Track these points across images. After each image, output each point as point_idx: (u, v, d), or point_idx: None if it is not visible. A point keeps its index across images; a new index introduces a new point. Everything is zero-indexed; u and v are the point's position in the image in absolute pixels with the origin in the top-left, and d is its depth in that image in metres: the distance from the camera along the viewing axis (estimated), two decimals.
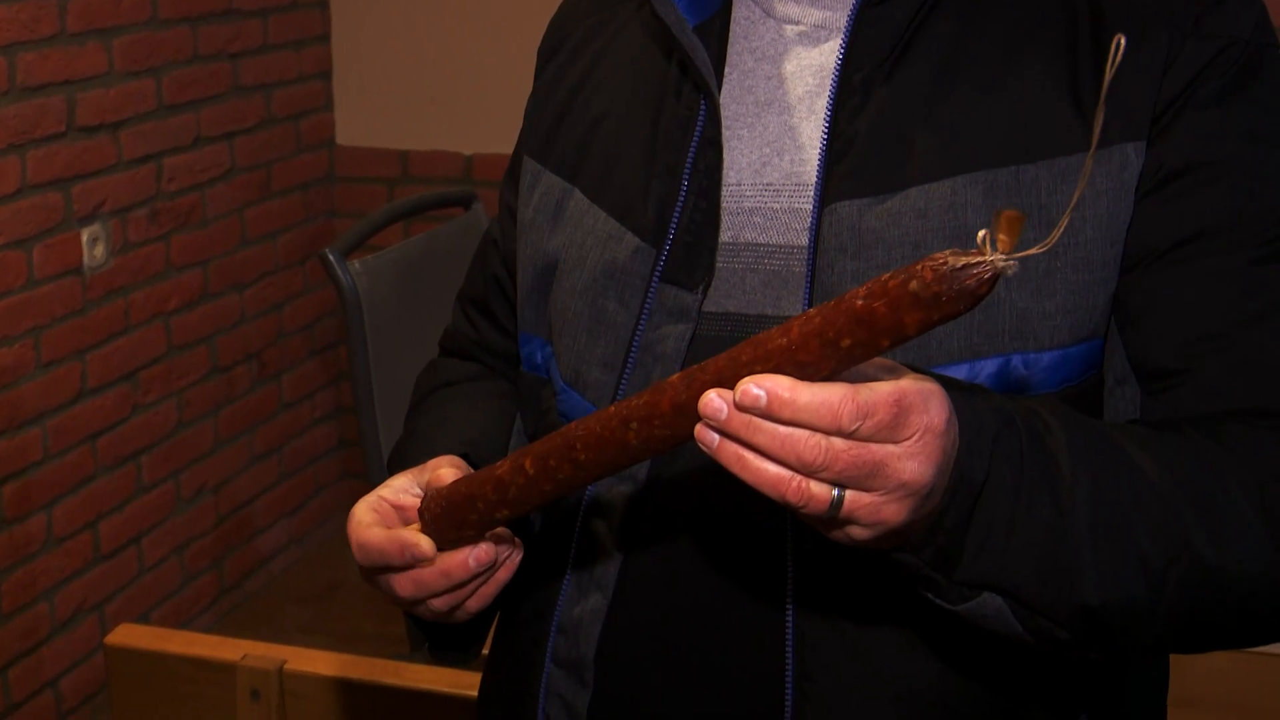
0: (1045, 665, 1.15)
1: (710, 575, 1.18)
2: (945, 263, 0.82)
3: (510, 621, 1.33)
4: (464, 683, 1.78)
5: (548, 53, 1.41)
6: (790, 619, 1.15)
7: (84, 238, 3.20)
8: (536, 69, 1.42)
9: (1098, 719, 1.20)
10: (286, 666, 1.85)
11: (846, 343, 0.86)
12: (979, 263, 0.81)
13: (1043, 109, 1.14)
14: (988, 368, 1.10)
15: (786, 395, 0.86)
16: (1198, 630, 1.07)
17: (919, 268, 0.82)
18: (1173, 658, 1.31)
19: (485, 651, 1.40)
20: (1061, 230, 0.84)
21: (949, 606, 1.02)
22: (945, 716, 1.15)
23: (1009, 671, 1.15)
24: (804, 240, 1.17)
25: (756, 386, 0.86)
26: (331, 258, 2.56)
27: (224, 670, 1.88)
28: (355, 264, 2.58)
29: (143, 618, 3.48)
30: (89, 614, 3.32)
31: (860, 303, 0.85)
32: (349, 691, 1.84)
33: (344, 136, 4.11)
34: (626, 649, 1.21)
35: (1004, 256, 0.82)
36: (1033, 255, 1.12)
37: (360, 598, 3.80)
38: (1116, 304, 1.14)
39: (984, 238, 0.82)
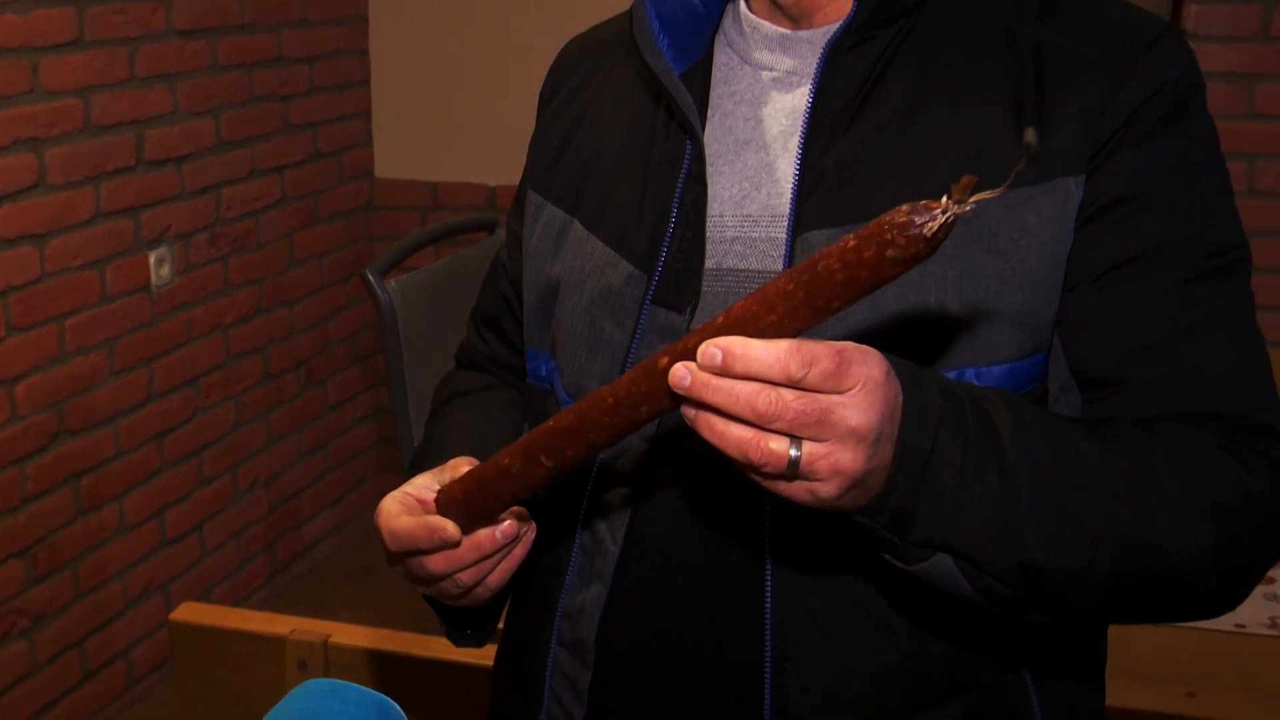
0: (993, 626, 1.14)
1: (697, 568, 1.18)
2: (904, 211, 0.83)
3: (521, 607, 1.33)
4: (484, 654, 1.77)
5: (548, 95, 1.41)
6: (768, 607, 1.15)
7: (151, 259, 3.20)
8: (538, 110, 1.41)
9: (1040, 676, 1.19)
10: (330, 640, 1.85)
11: (801, 295, 0.87)
12: (937, 209, 0.82)
13: (991, 146, 1.13)
14: None
15: (739, 350, 0.86)
16: (1129, 599, 1.07)
17: (881, 223, 0.83)
18: (1115, 633, 1.30)
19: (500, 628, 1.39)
20: (1010, 182, 0.88)
21: (905, 567, 1.02)
22: (907, 685, 1.15)
23: (963, 637, 1.14)
24: (780, 266, 1.16)
25: (713, 346, 0.87)
26: (370, 277, 2.55)
27: (274, 643, 1.88)
28: (391, 283, 2.58)
29: (203, 596, 3.49)
30: (155, 593, 3.32)
31: (823, 263, 0.85)
32: (385, 662, 1.84)
33: (381, 169, 4.11)
34: (623, 633, 1.21)
35: (958, 204, 0.82)
36: (985, 276, 1.12)
37: (395, 578, 3.78)
38: (1060, 320, 1.14)
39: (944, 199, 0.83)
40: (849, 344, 0.89)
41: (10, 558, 2.85)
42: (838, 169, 1.15)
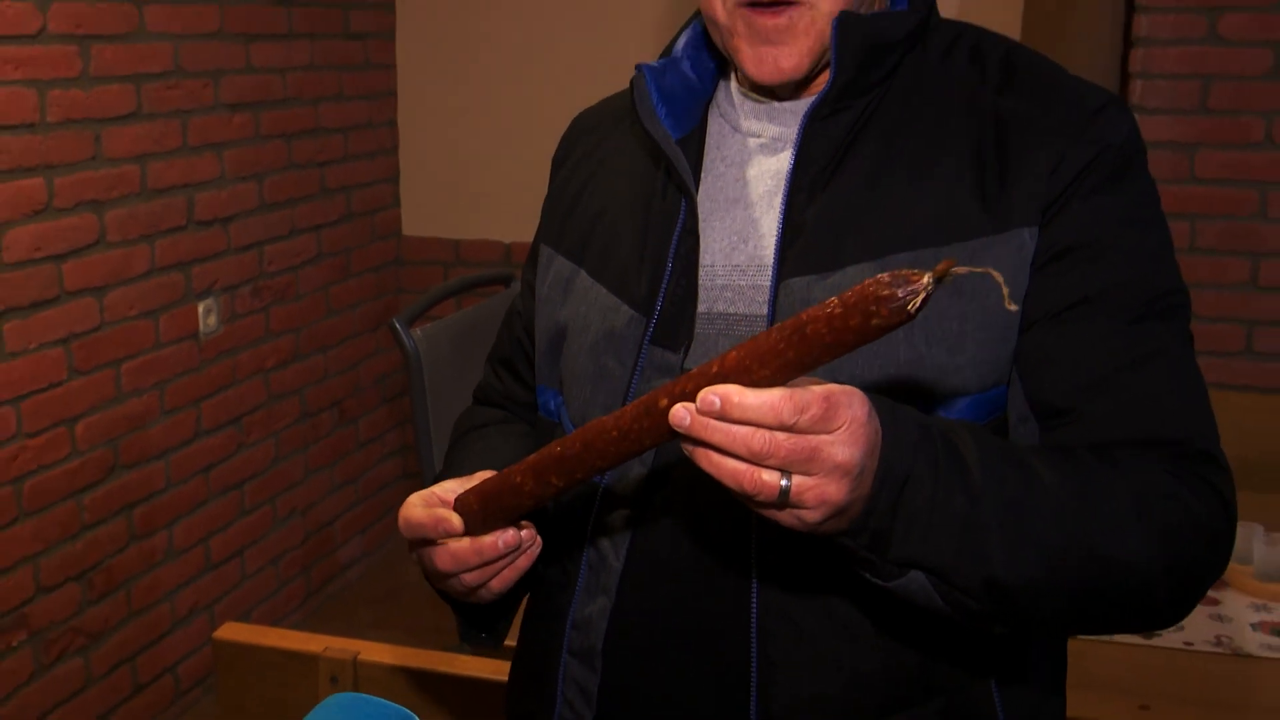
0: (961, 637, 1.14)
1: (691, 583, 1.18)
2: (887, 283, 0.83)
3: (533, 619, 1.33)
4: (502, 669, 1.78)
5: (560, 160, 1.42)
6: (754, 617, 1.15)
7: (200, 310, 3.21)
8: (550, 174, 1.42)
9: (1005, 683, 1.19)
10: (360, 657, 1.85)
11: (792, 355, 0.88)
12: (919, 282, 0.83)
13: (955, 202, 1.14)
14: None
15: (736, 399, 0.88)
16: (1087, 611, 1.07)
17: (867, 294, 0.84)
18: (1074, 647, 1.30)
19: (513, 644, 1.39)
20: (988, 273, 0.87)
21: (883, 584, 1.02)
22: (882, 690, 1.15)
23: (933, 647, 1.15)
24: (764, 310, 1.17)
25: (712, 394, 0.88)
26: (398, 326, 2.56)
27: (308, 660, 1.87)
28: (417, 331, 2.58)
29: (244, 616, 3.47)
30: (201, 613, 3.31)
31: (811, 327, 0.86)
32: (411, 677, 1.84)
33: (409, 228, 4.12)
34: (628, 642, 1.21)
35: (938, 281, 0.83)
36: (949, 319, 1.12)
37: (420, 599, 3.79)
38: (1018, 356, 1.14)
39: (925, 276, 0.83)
40: (836, 388, 0.90)
41: (69, 581, 2.85)
42: (815, 224, 1.16)
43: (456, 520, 1.13)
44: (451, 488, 1.19)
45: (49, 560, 2.79)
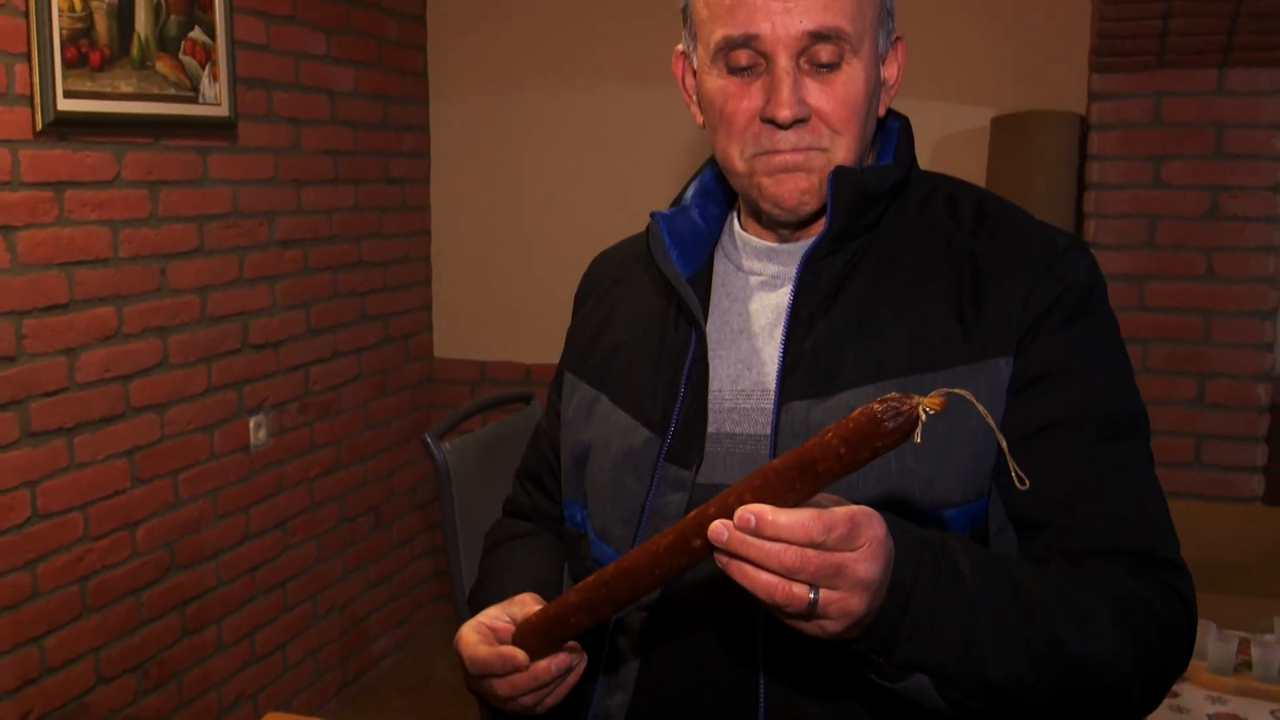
0: None
1: (703, 682, 1.17)
2: (878, 410, 0.85)
3: (559, 711, 1.31)
4: None
5: (582, 298, 1.43)
6: (762, 714, 1.14)
7: (251, 425, 3.21)
8: (573, 309, 1.44)
9: None
10: None
11: (803, 487, 0.89)
12: (905, 407, 0.85)
13: (938, 333, 1.15)
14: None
15: (770, 518, 0.88)
16: (1068, 707, 1.06)
17: (870, 433, 0.85)
18: None
19: None
20: (962, 394, 0.89)
21: (889, 685, 1.01)
22: None
23: None
24: (767, 431, 1.17)
25: (748, 512, 0.88)
26: (429, 440, 2.56)
27: None
28: (446, 445, 2.58)
29: (284, 705, 3.42)
30: (246, 701, 3.26)
31: (819, 439, 0.88)
32: None
33: (440, 351, 4.14)
34: None
35: (931, 413, 0.85)
36: (937, 437, 1.13)
37: (447, 689, 3.73)
38: (996, 473, 1.14)
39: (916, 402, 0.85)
40: (858, 509, 0.91)
41: (127, 672, 2.81)
42: (813, 353, 1.16)
43: (522, 656, 1.12)
44: (495, 614, 1.18)
45: (109, 653, 2.76)
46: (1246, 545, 2.65)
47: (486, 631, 1.17)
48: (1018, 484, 0.93)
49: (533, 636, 1.12)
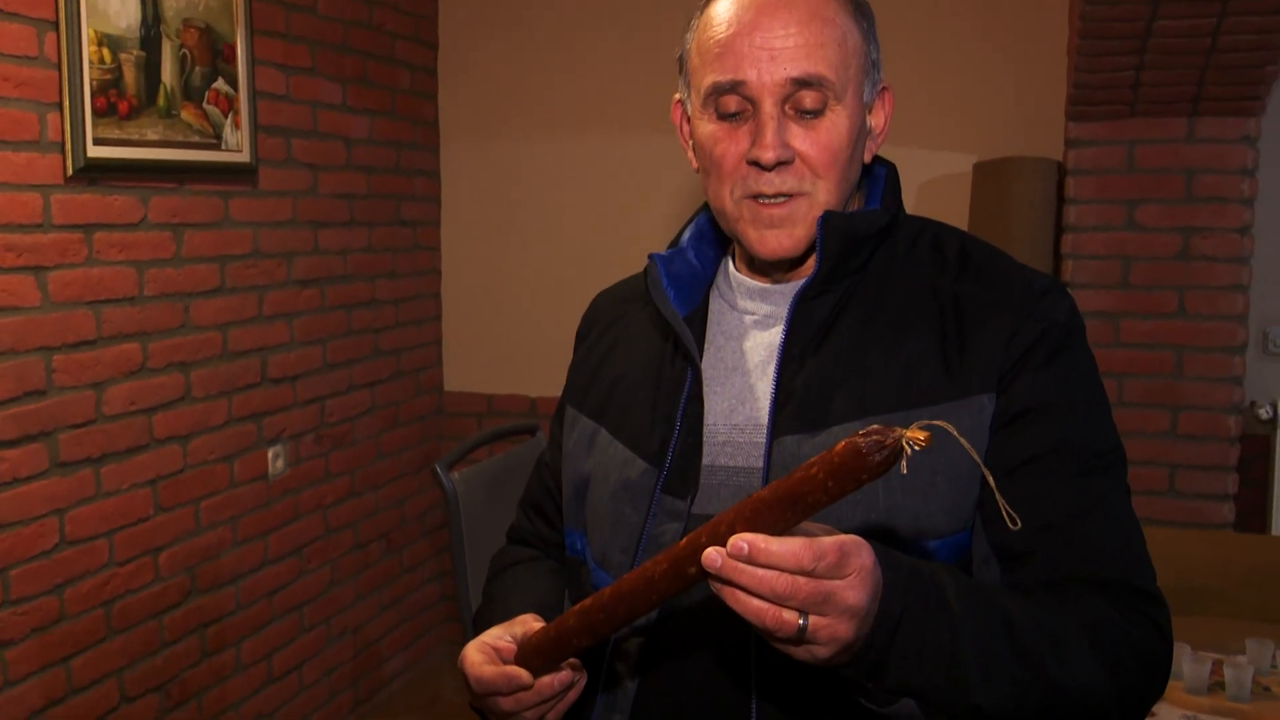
0: None
1: (697, 704, 1.16)
2: (861, 443, 0.84)
3: None
4: None
5: (582, 335, 1.43)
6: None
7: (269, 455, 3.20)
8: (575, 346, 1.43)
9: None
10: None
11: (792, 516, 0.89)
12: (889, 439, 0.84)
13: (923, 371, 1.14)
14: None
15: (762, 546, 0.87)
16: None
17: (856, 467, 0.84)
18: None
19: None
20: (942, 425, 0.89)
21: (878, 709, 1.00)
22: None
23: None
24: (760, 464, 1.16)
25: (742, 540, 0.88)
26: (439, 470, 2.55)
27: None
28: (455, 474, 2.57)
29: None
30: None
31: (805, 472, 0.87)
32: None
33: (449, 384, 4.13)
34: None
35: (914, 445, 0.84)
36: (922, 471, 1.12)
37: (455, 707, 3.71)
38: (980, 506, 1.13)
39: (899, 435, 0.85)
40: (847, 538, 0.90)
41: (149, 692, 2.79)
42: (804, 389, 1.16)
43: (525, 675, 1.12)
44: (497, 634, 1.18)
45: (132, 673, 2.74)
46: (1219, 570, 2.63)
47: (490, 651, 1.17)
48: (1009, 524, 0.92)
49: (535, 655, 1.12)
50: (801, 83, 1.14)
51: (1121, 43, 2.84)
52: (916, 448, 0.84)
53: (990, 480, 0.87)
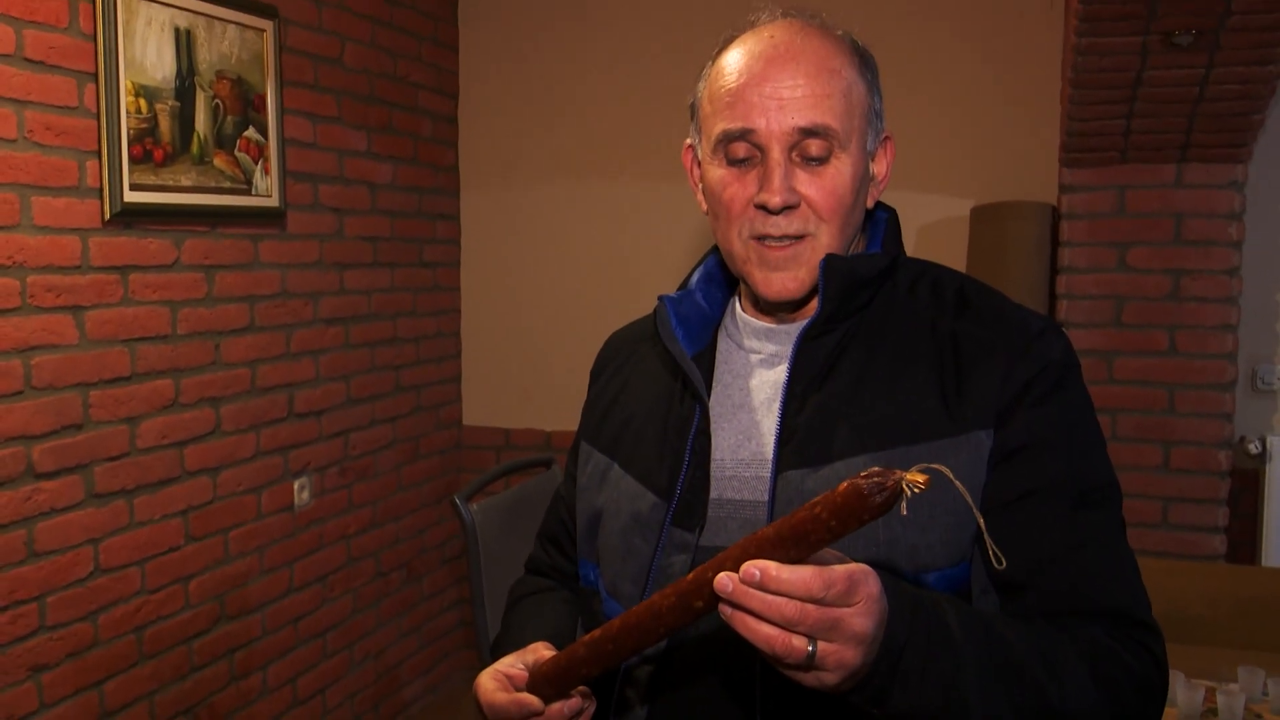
0: None
1: None
2: (863, 484, 0.84)
3: None
4: None
5: (596, 374, 1.43)
6: None
7: (295, 486, 3.20)
8: (589, 384, 1.43)
9: None
10: None
11: (799, 548, 0.88)
12: (889, 482, 0.84)
13: (921, 408, 1.14)
14: None
15: (774, 573, 0.87)
16: None
17: (857, 508, 0.84)
18: None
19: None
20: (939, 470, 0.88)
21: None
22: None
23: None
24: (765, 498, 1.16)
25: (754, 567, 0.88)
26: (458, 501, 2.55)
27: None
28: (473, 505, 2.57)
29: None
30: None
31: (809, 513, 0.87)
32: None
33: (468, 419, 4.13)
34: None
35: (913, 486, 0.84)
36: (921, 506, 1.11)
37: None
38: (977, 539, 1.12)
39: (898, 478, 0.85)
40: (856, 567, 0.89)
41: (179, 715, 2.78)
42: (807, 425, 1.15)
43: (537, 702, 1.12)
44: (510, 662, 1.17)
45: (163, 697, 2.73)
46: (1211, 601, 2.61)
47: (503, 679, 1.16)
48: (995, 564, 0.92)
49: (545, 683, 1.11)
50: (808, 131, 1.15)
51: (1112, 92, 2.85)
52: (916, 490, 0.84)
53: (981, 522, 0.87)
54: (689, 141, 1.29)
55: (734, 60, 1.19)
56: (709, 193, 1.23)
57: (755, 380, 1.23)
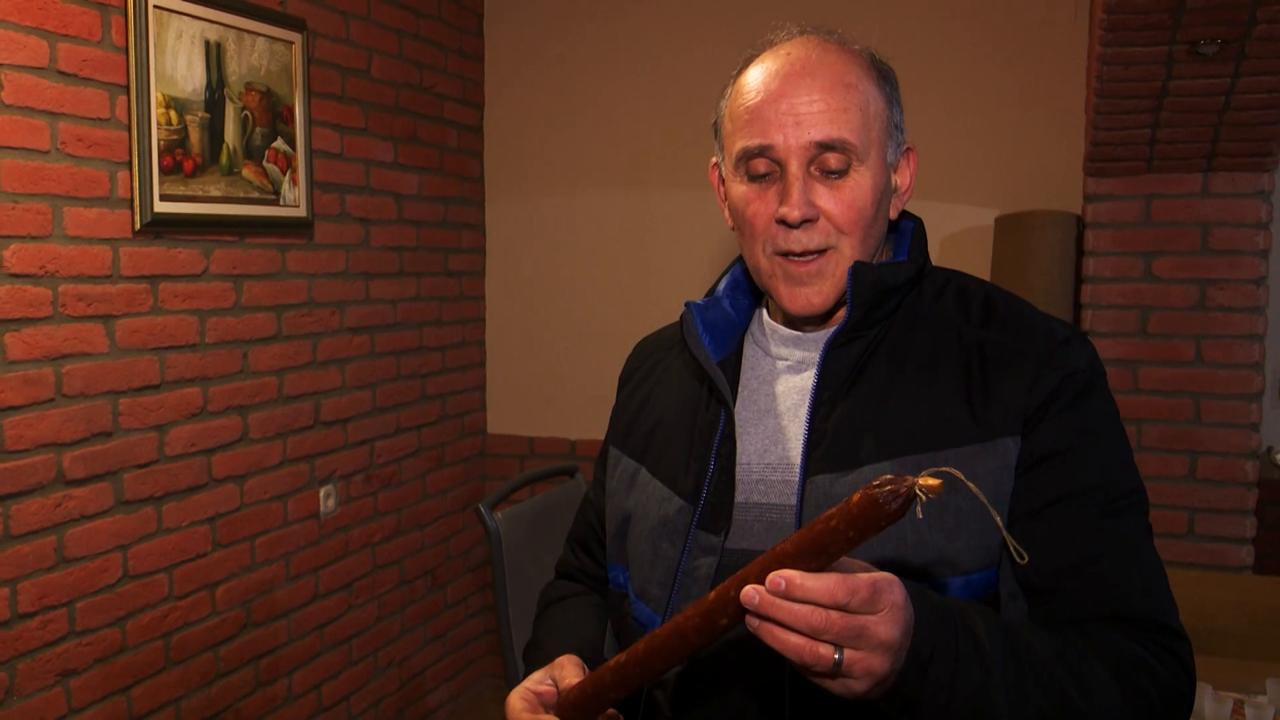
0: None
1: None
2: (877, 493, 0.85)
3: None
4: None
5: (624, 380, 1.44)
6: None
7: (321, 494, 3.22)
8: (617, 390, 1.44)
9: None
10: None
11: (820, 561, 0.89)
12: (903, 488, 0.84)
13: (948, 414, 1.14)
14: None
15: (799, 582, 0.88)
16: None
17: (874, 516, 0.84)
18: None
19: None
20: (958, 475, 0.89)
21: None
22: None
23: None
24: (793, 501, 1.16)
25: (779, 577, 0.88)
26: (482, 509, 2.55)
27: None
28: (498, 513, 2.57)
29: None
30: None
31: (825, 525, 0.88)
32: None
33: (492, 427, 4.14)
34: None
35: (928, 492, 0.84)
36: (948, 511, 1.11)
37: None
38: (1004, 544, 1.12)
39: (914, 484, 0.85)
40: (880, 575, 0.90)
41: None
42: (835, 431, 1.16)
43: None
44: (539, 678, 1.18)
45: (190, 702, 2.75)
46: (1238, 612, 2.59)
47: (532, 698, 1.17)
48: (1017, 559, 0.92)
49: (574, 709, 1.12)
50: (825, 145, 1.16)
51: (1138, 102, 2.85)
52: (930, 495, 0.84)
53: (998, 521, 0.87)
54: (714, 160, 1.31)
55: (753, 78, 1.21)
56: (733, 210, 1.24)
57: (781, 386, 1.24)
